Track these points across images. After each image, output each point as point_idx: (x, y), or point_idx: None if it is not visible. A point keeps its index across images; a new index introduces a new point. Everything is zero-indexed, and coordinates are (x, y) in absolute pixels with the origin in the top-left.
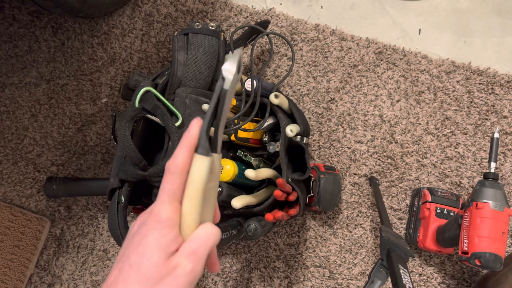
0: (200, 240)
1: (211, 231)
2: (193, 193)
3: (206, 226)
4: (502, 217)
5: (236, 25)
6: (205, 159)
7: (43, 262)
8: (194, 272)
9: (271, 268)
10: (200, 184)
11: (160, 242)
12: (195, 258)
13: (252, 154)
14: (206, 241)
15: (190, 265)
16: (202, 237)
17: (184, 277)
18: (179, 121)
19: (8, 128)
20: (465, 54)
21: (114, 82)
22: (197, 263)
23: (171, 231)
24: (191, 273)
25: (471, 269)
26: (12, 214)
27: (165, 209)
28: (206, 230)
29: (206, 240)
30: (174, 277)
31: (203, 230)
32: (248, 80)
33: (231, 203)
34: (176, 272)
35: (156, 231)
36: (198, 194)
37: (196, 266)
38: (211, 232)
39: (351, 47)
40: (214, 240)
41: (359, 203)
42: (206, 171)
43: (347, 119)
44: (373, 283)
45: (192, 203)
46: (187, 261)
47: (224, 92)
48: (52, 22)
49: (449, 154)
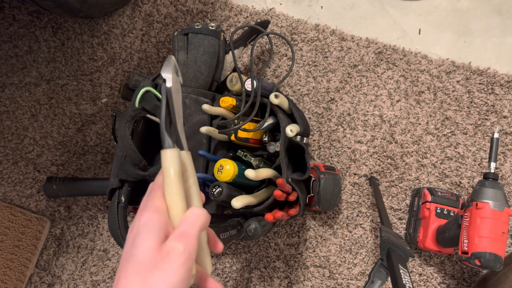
0: (188, 221)
1: (197, 212)
2: (170, 183)
3: (193, 209)
4: (502, 217)
5: (236, 25)
6: (171, 151)
7: (43, 262)
8: (187, 252)
9: (271, 268)
10: (174, 173)
11: (150, 229)
12: (186, 238)
13: (252, 154)
14: (194, 222)
15: (182, 246)
16: (189, 219)
17: (178, 258)
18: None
19: (8, 128)
20: (465, 54)
21: (114, 82)
22: (189, 243)
23: (160, 218)
24: (184, 253)
25: (471, 269)
26: (12, 214)
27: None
28: (193, 211)
29: (194, 221)
30: (169, 260)
31: (190, 213)
32: (248, 80)
33: (231, 203)
34: (170, 255)
35: (146, 221)
36: (175, 183)
37: (188, 246)
38: (198, 213)
39: (351, 47)
40: (203, 220)
41: (359, 203)
42: (175, 160)
43: (347, 119)
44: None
45: (172, 191)
46: (179, 243)
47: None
48: (52, 22)
49: (449, 154)
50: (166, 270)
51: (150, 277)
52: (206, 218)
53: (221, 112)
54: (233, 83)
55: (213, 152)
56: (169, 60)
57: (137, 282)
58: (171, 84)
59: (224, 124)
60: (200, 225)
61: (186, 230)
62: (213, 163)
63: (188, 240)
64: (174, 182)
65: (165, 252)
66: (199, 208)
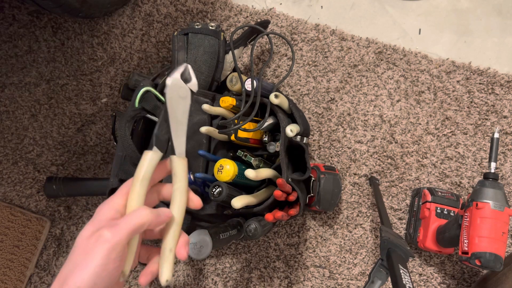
0: (127, 217)
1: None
2: (134, 182)
3: (138, 208)
4: (502, 217)
5: (236, 25)
6: (147, 153)
7: (43, 262)
8: (113, 241)
9: (271, 268)
10: (140, 171)
11: (93, 219)
12: (115, 229)
13: (252, 154)
14: (131, 219)
15: (109, 234)
16: (130, 215)
17: (102, 244)
18: None
19: (8, 128)
20: (465, 54)
21: (114, 82)
22: (116, 234)
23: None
24: (108, 241)
25: (471, 269)
26: (12, 214)
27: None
28: (136, 210)
29: (132, 218)
30: (94, 245)
31: (134, 211)
32: (248, 80)
33: (231, 203)
34: (96, 241)
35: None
36: (137, 182)
37: (115, 237)
38: (140, 213)
39: (351, 47)
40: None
41: (359, 203)
42: (147, 162)
43: (347, 119)
44: (373, 283)
45: (134, 189)
46: (107, 231)
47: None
48: (52, 22)
49: (449, 154)
50: (89, 254)
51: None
52: (146, 219)
53: (221, 112)
54: (233, 83)
55: (213, 152)
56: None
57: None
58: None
59: (224, 124)
60: (136, 222)
61: (119, 223)
62: (213, 163)
63: (117, 231)
64: (136, 181)
65: (93, 238)
66: (144, 209)
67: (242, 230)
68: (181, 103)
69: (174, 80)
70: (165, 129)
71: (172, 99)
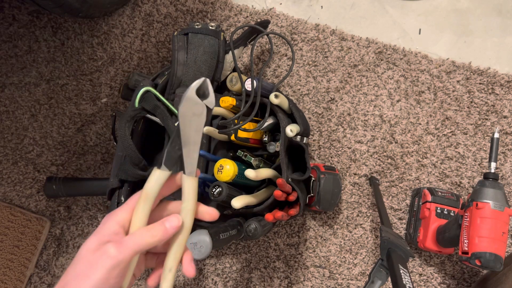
0: (132, 236)
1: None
2: (140, 198)
3: (145, 228)
4: (502, 217)
5: (236, 25)
6: (155, 170)
7: (43, 262)
8: (116, 258)
9: (271, 268)
10: (146, 189)
11: (97, 232)
12: (120, 246)
13: (252, 154)
14: (137, 238)
15: (113, 250)
16: (135, 234)
17: (106, 259)
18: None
19: (8, 128)
20: (465, 54)
21: (114, 82)
22: (121, 252)
23: (110, 225)
24: (112, 258)
25: (471, 269)
26: (12, 214)
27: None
28: (142, 229)
29: (137, 237)
30: (97, 259)
31: (139, 229)
32: (248, 80)
33: (231, 203)
34: (102, 255)
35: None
36: (143, 199)
37: (120, 254)
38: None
39: (351, 47)
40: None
41: (359, 203)
42: (154, 180)
43: (347, 119)
44: (373, 283)
45: (139, 206)
46: (112, 247)
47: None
48: (52, 22)
49: (449, 154)
50: (93, 266)
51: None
52: (152, 240)
53: (221, 112)
54: (233, 83)
55: (213, 152)
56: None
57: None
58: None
59: (224, 124)
60: (142, 242)
61: (126, 240)
62: (213, 163)
63: (122, 249)
64: (142, 198)
65: (99, 252)
66: (152, 229)
67: (242, 230)
68: (195, 120)
69: (189, 96)
70: (177, 146)
71: (185, 116)
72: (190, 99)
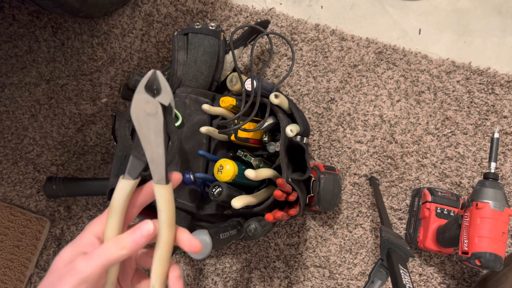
0: (101, 249)
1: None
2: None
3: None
4: (502, 217)
5: (236, 25)
6: (120, 181)
7: (43, 262)
8: (85, 272)
9: (271, 268)
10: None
11: (74, 242)
12: (88, 260)
13: (252, 154)
14: (105, 252)
15: (82, 265)
16: (104, 247)
17: (74, 275)
18: (179, 121)
19: (8, 128)
20: (465, 54)
21: (114, 82)
22: (88, 265)
23: (85, 236)
24: (81, 273)
25: (471, 269)
26: (12, 214)
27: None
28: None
29: (106, 250)
30: (70, 274)
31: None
32: (248, 80)
33: (231, 203)
34: (70, 270)
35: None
36: (109, 210)
37: (87, 268)
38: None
39: (351, 47)
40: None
41: (359, 203)
42: (117, 190)
43: (347, 119)
44: (373, 283)
45: (109, 217)
46: (81, 261)
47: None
48: (52, 22)
49: (449, 154)
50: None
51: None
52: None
53: (221, 112)
54: (233, 83)
55: (213, 152)
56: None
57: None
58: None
59: (224, 124)
60: (108, 257)
61: (93, 254)
62: (213, 163)
63: (89, 263)
64: (109, 210)
65: (68, 266)
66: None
67: (242, 230)
68: (151, 121)
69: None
70: (140, 152)
71: (138, 119)
72: (139, 97)
